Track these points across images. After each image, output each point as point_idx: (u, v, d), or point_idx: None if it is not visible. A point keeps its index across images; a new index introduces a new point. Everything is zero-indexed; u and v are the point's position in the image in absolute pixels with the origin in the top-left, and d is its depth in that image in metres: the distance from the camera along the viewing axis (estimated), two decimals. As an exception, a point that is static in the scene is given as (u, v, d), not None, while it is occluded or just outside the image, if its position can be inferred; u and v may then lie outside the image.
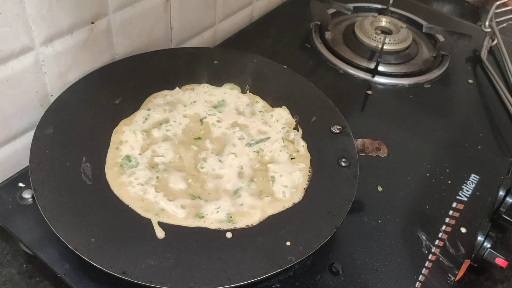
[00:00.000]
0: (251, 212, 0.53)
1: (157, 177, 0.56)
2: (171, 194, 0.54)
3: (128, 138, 0.59)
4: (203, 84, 0.68)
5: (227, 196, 0.55)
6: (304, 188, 0.57)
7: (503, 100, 0.81)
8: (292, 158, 0.60)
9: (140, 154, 0.58)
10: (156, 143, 0.59)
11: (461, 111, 0.79)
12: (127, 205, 0.53)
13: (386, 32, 0.89)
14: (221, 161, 0.58)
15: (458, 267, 0.56)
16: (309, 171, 0.59)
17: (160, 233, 0.50)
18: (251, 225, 0.53)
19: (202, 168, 0.58)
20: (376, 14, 0.94)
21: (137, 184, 0.54)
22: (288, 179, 0.57)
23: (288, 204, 0.55)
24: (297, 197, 0.56)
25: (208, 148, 0.60)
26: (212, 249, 0.50)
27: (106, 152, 0.57)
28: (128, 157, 0.57)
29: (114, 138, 0.59)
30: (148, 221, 0.52)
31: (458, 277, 0.55)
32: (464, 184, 0.65)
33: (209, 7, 0.82)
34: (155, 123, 0.62)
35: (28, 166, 0.53)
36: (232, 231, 0.52)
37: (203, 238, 0.51)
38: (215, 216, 0.53)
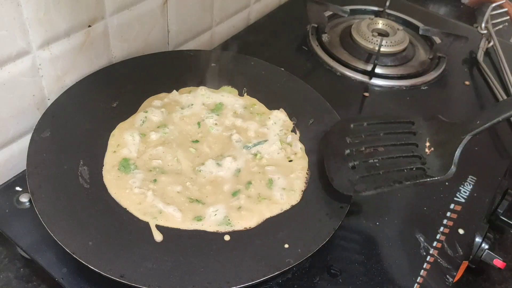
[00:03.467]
0: (249, 215, 0.53)
1: (155, 180, 0.56)
2: (168, 197, 0.54)
3: (125, 141, 0.59)
4: (200, 87, 0.68)
5: (225, 199, 0.55)
6: (302, 191, 0.57)
7: (499, 101, 0.81)
8: (289, 161, 0.60)
9: (137, 157, 0.58)
10: (153, 146, 0.59)
11: (458, 112, 0.79)
12: (125, 208, 0.53)
13: (382, 34, 0.89)
14: (219, 164, 0.58)
15: (456, 268, 0.56)
16: (306, 173, 0.59)
17: (158, 236, 0.50)
18: (249, 227, 0.53)
19: (200, 171, 0.57)
20: (372, 17, 0.94)
21: (135, 187, 0.54)
22: (286, 182, 0.57)
23: (286, 207, 0.55)
24: (295, 199, 0.56)
25: (206, 151, 0.60)
26: (210, 252, 0.50)
27: (104, 155, 0.57)
28: (125, 160, 0.57)
29: (111, 141, 0.59)
30: (146, 224, 0.51)
31: (456, 279, 0.55)
32: (462, 186, 0.65)
33: (206, 10, 0.82)
34: (152, 126, 0.62)
35: (25, 169, 0.53)
36: (230, 233, 0.52)
37: (201, 241, 0.51)
38: (213, 219, 0.53)
